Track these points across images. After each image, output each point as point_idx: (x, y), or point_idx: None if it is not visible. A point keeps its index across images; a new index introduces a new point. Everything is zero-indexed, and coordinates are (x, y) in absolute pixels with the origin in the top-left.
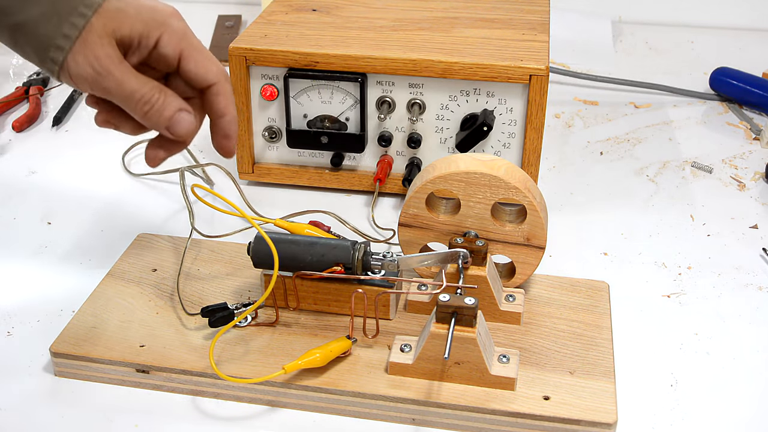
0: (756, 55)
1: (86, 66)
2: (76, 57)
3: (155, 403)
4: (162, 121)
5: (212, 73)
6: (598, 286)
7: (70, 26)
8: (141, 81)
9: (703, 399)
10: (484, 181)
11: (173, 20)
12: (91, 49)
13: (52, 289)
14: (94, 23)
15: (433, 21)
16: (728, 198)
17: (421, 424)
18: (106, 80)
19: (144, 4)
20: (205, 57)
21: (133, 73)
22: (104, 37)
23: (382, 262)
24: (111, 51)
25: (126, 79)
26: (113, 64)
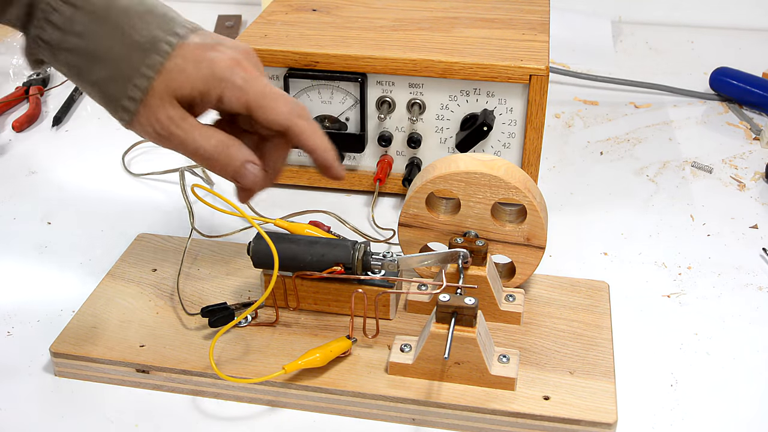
0: (756, 55)
1: (149, 127)
2: (141, 119)
3: (155, 403)
4: (228, 174)
5: (283, 117)
6: (598, 286)
7: (134, 88)
8: (205, 137)
9: (703, 399)
10: (484, 181)
11: (234, 75)
12: (153, 111)
13: (52, 289)
14: (156, 85)
15: (433, 21)
16: (728, 198)
17: (421, 424)
18: (169, 141)
19: (205, 58)
20: (273, 102)
21: (197, 130)
22: (165, 99)
23: (382, 262)
24: (173, 112)
25: (189, 139)
26: (174, 124)
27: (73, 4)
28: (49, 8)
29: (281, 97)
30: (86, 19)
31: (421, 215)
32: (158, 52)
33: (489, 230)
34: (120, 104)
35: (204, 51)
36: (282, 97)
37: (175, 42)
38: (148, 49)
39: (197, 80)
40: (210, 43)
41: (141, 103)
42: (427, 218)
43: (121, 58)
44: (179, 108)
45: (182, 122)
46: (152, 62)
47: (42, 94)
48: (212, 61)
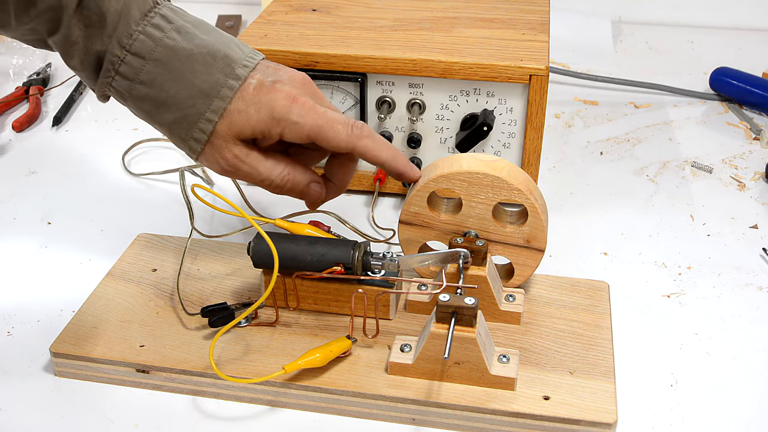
0: (756, 55)
1: (215, 164)
2: (207, 156)
3: (155, 403)
4: (295, 195)
5: (344, 143)
6: (598, 286)
7: (199, 131)
8: (269, 168)
9: (703, 399)
10: (486, 181)
11: (291, 113)
12: (218, 150)
13: (52, 289)
14: (219, 128)
15: (433, 21)
16: (728, 198)
17: (421, 424)
18: (235, 174)
19: (264, 101)
20: (331, 131)
21: (261, 164)
22: (229, 140)
23: (383, 262)
24: (237, 150)
25: (254, 171)
26: (239, 161)
27: (140, 55)
28: (117, 60)
29: (338, 123)
30: (152, 68)
31: (422, 213)
32: (220, 97)
33: (489, 231)
34: (187, 143)
35: (262, 93)
36: (340, 123)
37: (237, 85)
38: (210, 94)
39: (258, 122)
40: (268, 83)
41: (206, 143)
42: (428, 217)
43: (186, 105)
44: (242, 146)
45: (246, 158)
46: (215, 107)
47: (42, 94)
48: (270, 104)
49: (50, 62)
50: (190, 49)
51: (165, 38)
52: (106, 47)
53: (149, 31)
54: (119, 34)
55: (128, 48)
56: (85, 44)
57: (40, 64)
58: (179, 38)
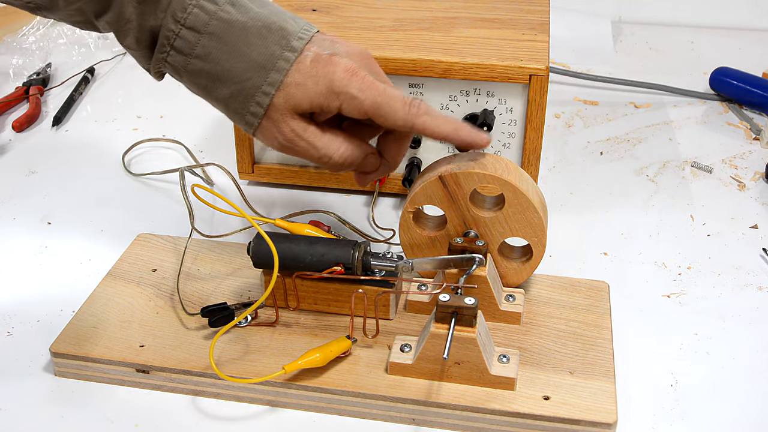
0: (756, 55)
1: (273, 139)
2: (264, 131)
3: (155, 403)
4: (354, 168)
5: (402, 121)
6: (598, 286)
7: (256, 105)
8: (326, 143)
9: (703, 399)
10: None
11: (350, 87)
12: (275, 124)
13: (52, 289)
14: (275, 101)
15: (433, 21)
16: (728, 198)
17: (421, 424)
18: (293, 150)
19: (322, 73)
20: (389, 108)
21: (319, 139)
22: (286, 113)
23: (397, 264)
24: (294, 124)
25: (312, 147)
26: (297, 136)
27: (194, 29)
28: (172, 35)
29: (397, 100)
30: (207, 42)
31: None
32: (277, 69)
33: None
34: (244, 118)
35: (320, 66)
36: (398, 101)
37: (293, 57)
38: (267, 67)
39: (315, 95)
40: (326, 55)
41: (263, 117)
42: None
43: (242, 78)
44: (300, 120)
45: (304, 133)
46: (272, 80)
47: (42, 94)
48: (328, 76)
49: (50, 62)
50: (245, 21)
51: (219, 11)
52: (160, 22)
53: (203, 4)
54: (173, 9)
55: (183, 22)
56: (139, 21)
57: (40, 64)
58: (234, 11)
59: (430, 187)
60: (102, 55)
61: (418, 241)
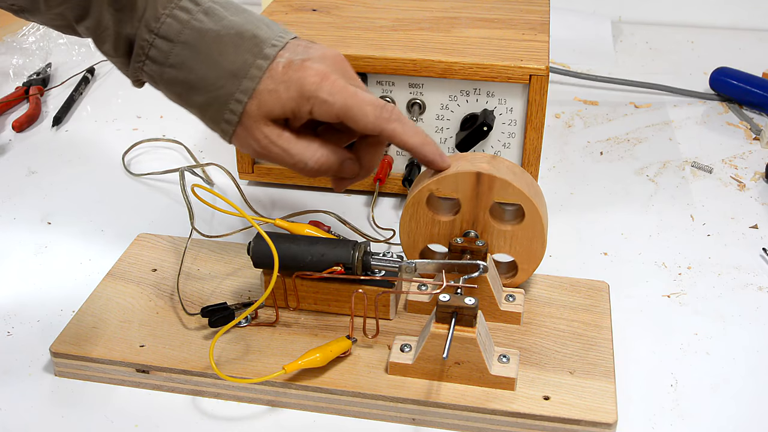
0: (756, 55)
1: (248, 146)
2: (239, 139)
3: (155, 403)
4: (330, 174)
5: (372, 125)
6: (598, 286)
7: (229, 113)
8: (301, 149)
9: (703, 399)
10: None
11: (321, 90)
12: (249, 131)
13: (52, 289)
14: (248, 109)
15: (433, 21)
16: (728, 198)
17: (421, 424)
18: (268, 157)
19: (294, 78)
20: (360, 111)
21: (294, 144)
22: (259, 121)
23: (400, 265)
24: (267, 131)
25: (286, 154)
26: (271, 143)
27: (168, 38)
28: (146, 44)
29: (368, 104)
30: (180, 51)
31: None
32: (249, 77)
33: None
34: (219, 126)
35: (291, 71)
36: (369, 104)
37: (265, 65)
38: (239, 75)
39: (287, 100)
40: (298, 61)
41: (238, 124)
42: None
43: (216, 86)
44: (274, 126)
45: (278, 139)
46: (244, 88)
47: (42, 94)
48: (299, 81)
49: (50, 62)
50: (218, 30)
51: (192, 20)
52: (135, 31)
53: (176, 13)
54: (147, 18)
55: (156, 32)
56: (116, 29)
57: (40, 64)
58: (206, 20)
59: (463, 178)
60: (102, 55)
61: (417, 235)
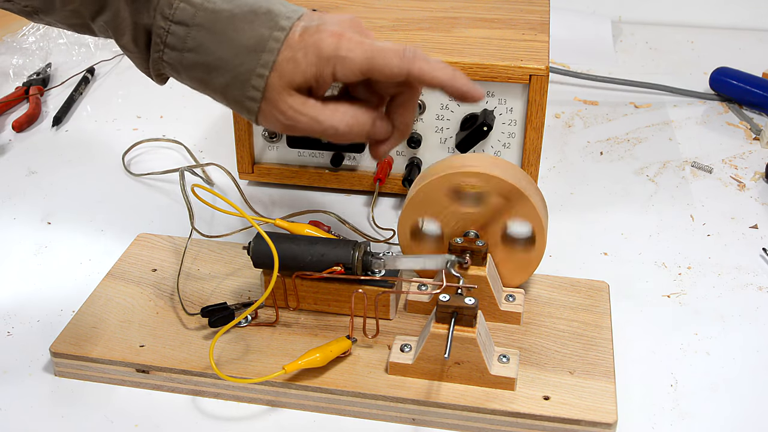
0: (756, 55)
1: (275, 121)
2: (265, 114)
3: (155, 403)
4: (363, 138)
5: (398, 69)
6: (598, 286)
7: (252, 89)
8: (329, 114)
9: (703, 399)
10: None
11: (339, 49)
12: (274, 105)
13: (52, 289)
14: (271, 82)
15: (433, 21)
16: (728, 198)
17: (421, 424)
18: (297, 128)
19: (311, 43)
20: (383, 59)
21: (320, 111)
22: (283, 92)
23: (383, 260)
24: (292, 101)
25: (315, 122)
26: (297, 113)
27: (183, 23)
28: (163, 32)
29: (389, 50)
30: (196, 33)
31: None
32: (268, 50)
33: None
34: (243, 106)
35: (307, 37)
36: (390, 50)
37: (282, 36)
38: (257, 49)
39: (308, 66)
40: (313, 27)
41: (262, 100)
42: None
43: (235, 64)
44: (298, 96)
45: (303, 108)
46: (264, 61)
47: (42, 94)
48: (316, 44)
49: (50, 62)
50: (231, 9)
51: (205, 3)
52: (152, 21)
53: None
54: (161, 5)
55: (171, 18)
56: (133, 19)
57: (40, 64)
58: (219, 1)
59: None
60: (102, 55)
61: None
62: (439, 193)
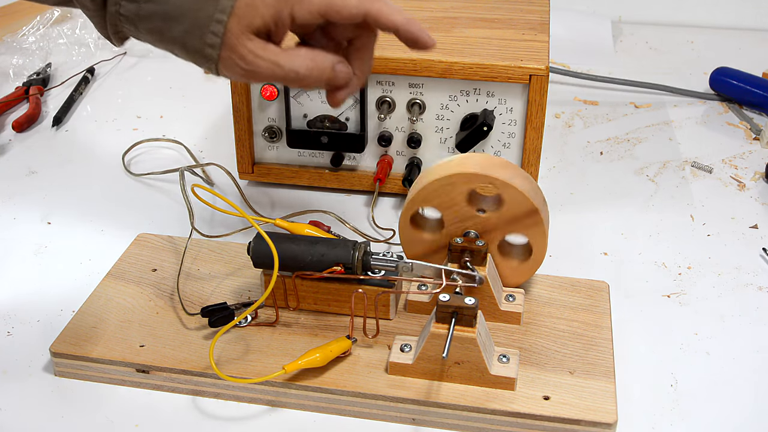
0: (756, 55)
1: (236, 67)
2: (225, 62)
3: (155, 403)
4: (323, 82)
5: (355, 9)
6: (598, 286)
7: (211, 35)
8: (289, 58)
9: (703, 399)
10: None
11: None
12: (234, 50)
13: (52, 289)
14: (230, 27)
15: (433, 21)
16: (728, 198)
17: (421, 424)
18: (258, 74)
19: None
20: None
21: (281, 55)
22: (242, 36)
23: (397, 264)
24: (252, 46)
25: (275, 66)
26: (257, 57)
27: None
28: None
29: None
30: None
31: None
32: None
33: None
34: (203, 54)
35: None
36: None
37: None
38: None
39: (266, 9)
40: None
41: (222, 46)
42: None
43: (193, 10)
44: (258, 40)
45: (264, 52)
46: (222, 6)
47: (42, 94)
48: None
49: (50, 62)
50: None
51: None
52: None
53: None
54: None
55: None
56: None
57: (40, 64)
58: None
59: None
60: (102, 55)
61: (418, 238)
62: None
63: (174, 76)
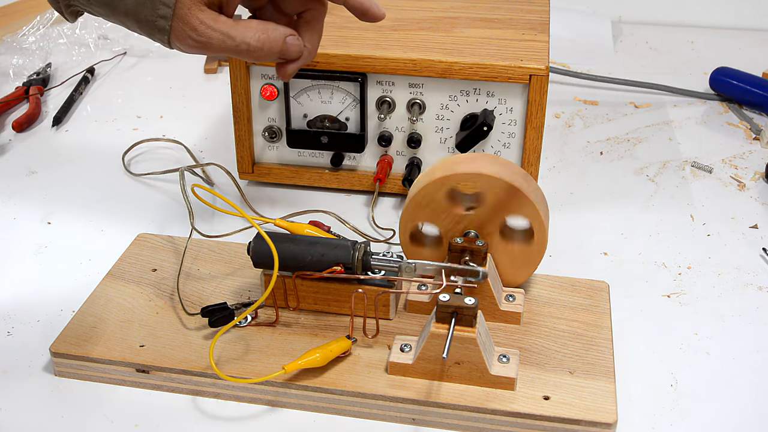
0: (756, 55)
1: (188, 39)
2: (177, 33)
3: (155, 403)
4: (274, 54)
5: None
6: (598, 286)
7: (162, 6)
8: (241, 30)
9: (703, 399)
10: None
11: None
12: (185, 21)
13: (52, 289)
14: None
15: (433, 21)
16: (728, 198)
17: (421, 424)
18: (210, 45)
19: None
20: None
21: (232, 28)
22: (193, 7)
23: (400, 265)
24: (204, 17)
25: (227, 37)
26: (209, 29)
27: None
28: None
29: None
30: None
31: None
32: None
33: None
34: (155, 25)
35: None
36: None
37: None
38: None
39: None
40: None
41: (172, 18)
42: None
43: None
44: (209, 11)
45: (215, 24)
46: None
47: (42, 94)
48: None
49: (50, 62)
50: None
51: None
52: None
53: None
54: None
55: None
56: None
57: (40, 64)
58: None
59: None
60: (102, 55)
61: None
62: (438, 195)
63: (174, 76)
